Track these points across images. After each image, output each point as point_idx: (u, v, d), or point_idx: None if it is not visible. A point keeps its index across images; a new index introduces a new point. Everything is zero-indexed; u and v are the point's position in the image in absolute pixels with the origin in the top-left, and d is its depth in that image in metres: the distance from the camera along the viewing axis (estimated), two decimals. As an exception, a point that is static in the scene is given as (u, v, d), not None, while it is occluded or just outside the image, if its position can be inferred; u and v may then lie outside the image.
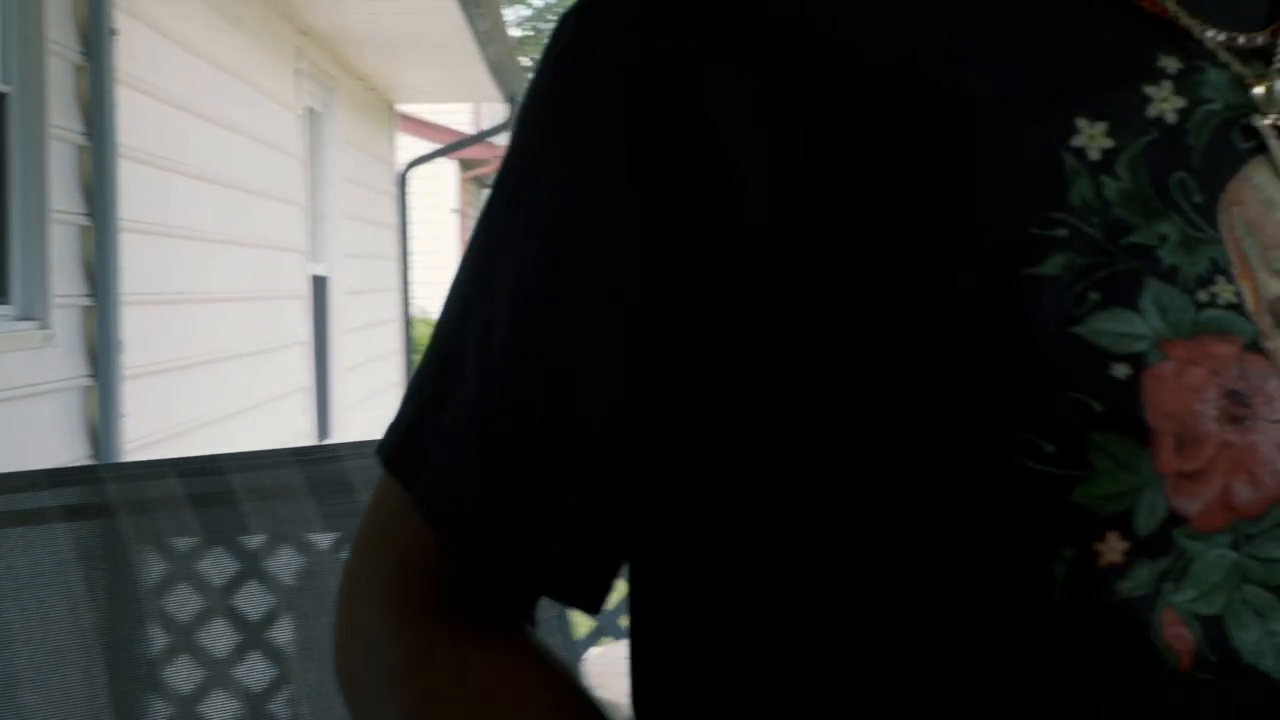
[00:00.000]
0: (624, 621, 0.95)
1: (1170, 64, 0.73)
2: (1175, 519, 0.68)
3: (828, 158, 0.70)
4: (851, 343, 0.70)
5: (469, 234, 0.82)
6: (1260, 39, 0.75)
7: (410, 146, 12.54)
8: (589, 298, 0.73)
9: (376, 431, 0.84)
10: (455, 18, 7.79)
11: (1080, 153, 0.70)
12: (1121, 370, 0.68)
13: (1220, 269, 0.70)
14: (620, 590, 0.82)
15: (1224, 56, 0.74)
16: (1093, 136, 0.71)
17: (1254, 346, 0.70)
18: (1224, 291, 0.70)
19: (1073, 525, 0.68)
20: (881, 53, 0.72)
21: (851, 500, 0.71)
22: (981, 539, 0.69)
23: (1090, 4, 0.74)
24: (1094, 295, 0.68)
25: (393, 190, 10.86)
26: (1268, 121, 0.73)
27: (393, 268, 10.62)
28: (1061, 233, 0.69)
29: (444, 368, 0.78)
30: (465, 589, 0.79)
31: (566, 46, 0.76)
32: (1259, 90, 0.73)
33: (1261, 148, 0.73)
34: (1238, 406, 0.69)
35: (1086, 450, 0.68)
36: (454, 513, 0.76)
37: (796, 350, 0.71)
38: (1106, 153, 0.70)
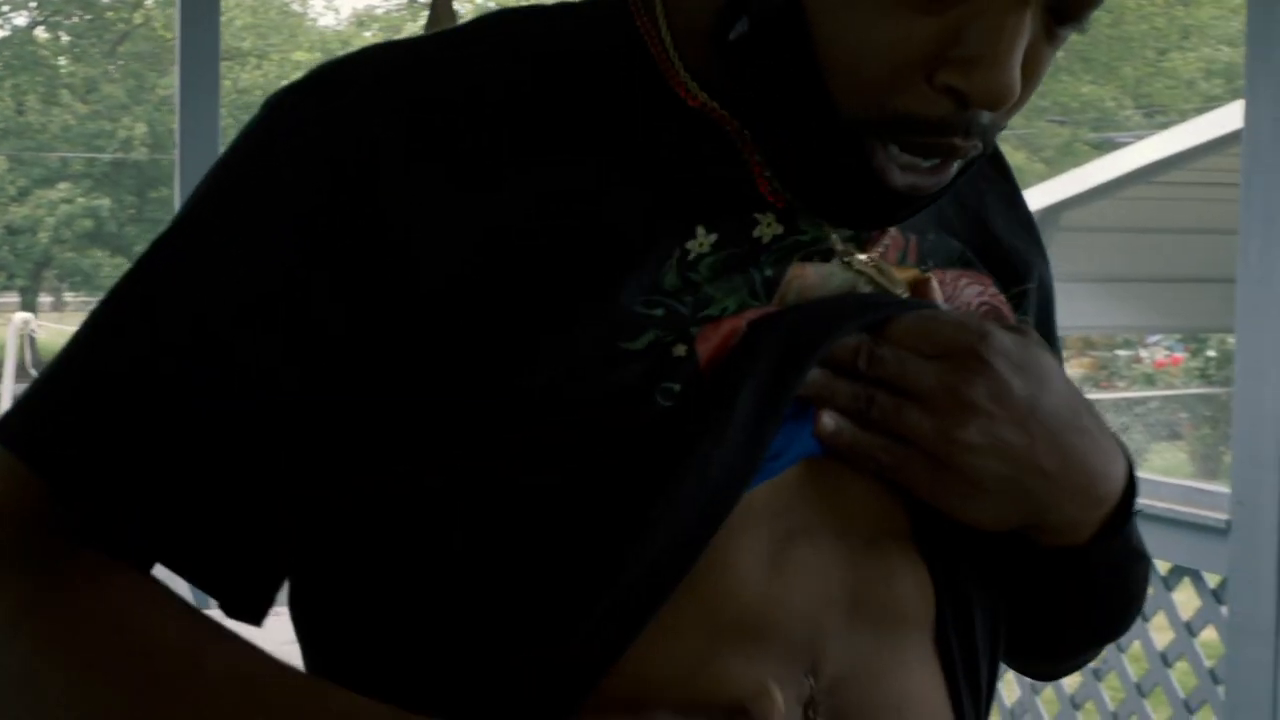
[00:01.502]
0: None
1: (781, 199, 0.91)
2: None
3: (490, 260, 0.84)
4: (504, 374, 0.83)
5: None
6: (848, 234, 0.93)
7: None
8: (244, 344, 0.84)
9: None
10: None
11: (687, 252, 0.87)
12: (680, 350, 0.85)
13: None
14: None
15: (821, 226, 0.91)
16: (702, 242, 0.87)
17: None
18: None
19: None
20: (554, 177, 0.87)
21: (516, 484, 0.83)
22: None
23: (724, 161, 0.90)
24: (680, 349, 0.85)
25: None
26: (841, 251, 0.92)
27: None
28: (658, 312, 0.85)
29: (93, 373, 0.87)
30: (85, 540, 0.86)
31: (269, 129, 0.89)
32: (839, 240, 0.92)
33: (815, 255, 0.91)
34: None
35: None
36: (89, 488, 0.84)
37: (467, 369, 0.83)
38: (700, 255, 0.87)
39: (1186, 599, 3.52)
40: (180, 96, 3.75)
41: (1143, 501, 1.00)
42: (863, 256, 0.92)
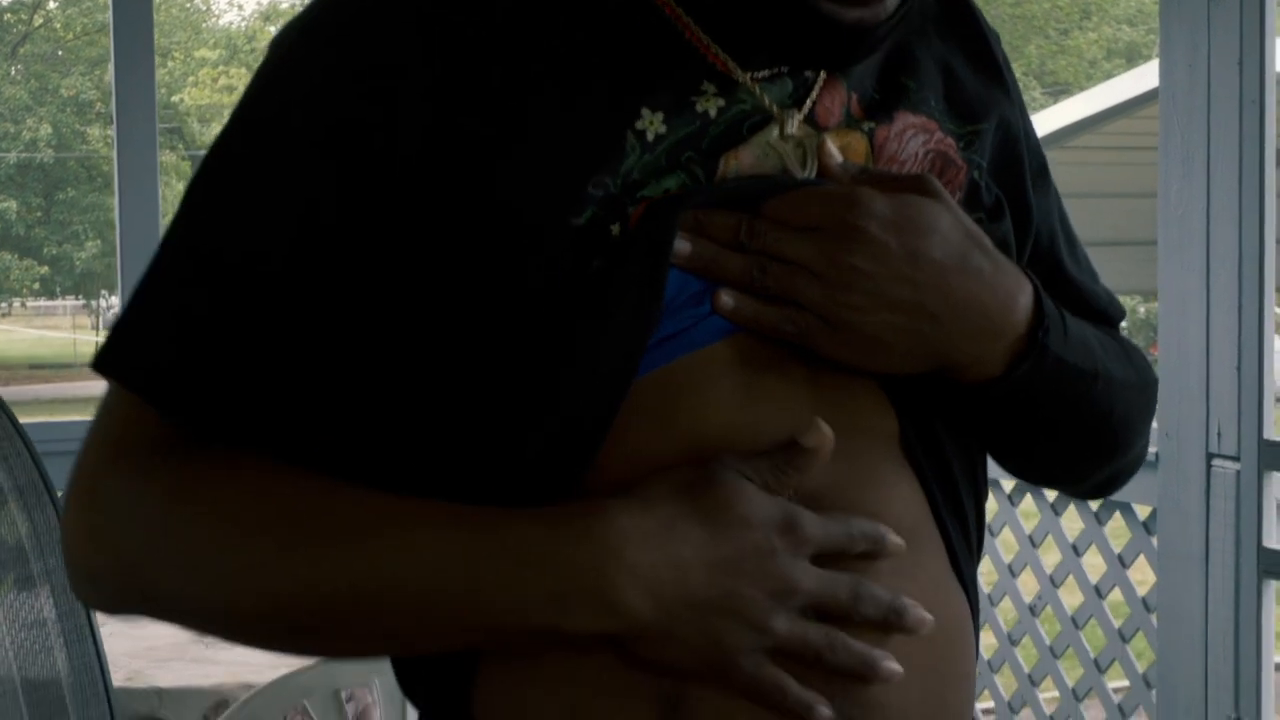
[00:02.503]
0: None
1: (718, 74, 0.99)
2: None
3: (462, 136, 0.93)
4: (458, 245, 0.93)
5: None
6: (767, 73, 1.00)
7: None
8: (277, 234, 0.94)
9: None
10: None
11: (640, 134, 0.95)
12: (615, 228, 0.94)
13: None
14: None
15: (756, 91, 0.99)
16: (651, 122, 0.96)
17: None
18: None
19: None
20: (514, 68, 0.96)
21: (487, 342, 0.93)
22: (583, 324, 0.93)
23: (662, 38, 0.99)
24: (614, 228, 0.94)
25: None
26: (781, 120, 1.00)
27: None
28: (600, 193, 0.94)
29: (173, 296, 0.96)
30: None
31: (292, 46, 0.98)
32: (778, 133, 0.99)
33: (759, 126, 0.99)
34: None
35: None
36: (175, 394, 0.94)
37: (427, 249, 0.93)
38: (659, 136, 0.96)
39: (1118, 531, 3.64)
40: (115, 93, 3.79)
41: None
42: (793, 127, 0.99)
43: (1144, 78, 7.97)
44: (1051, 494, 3.70)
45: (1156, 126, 3.18)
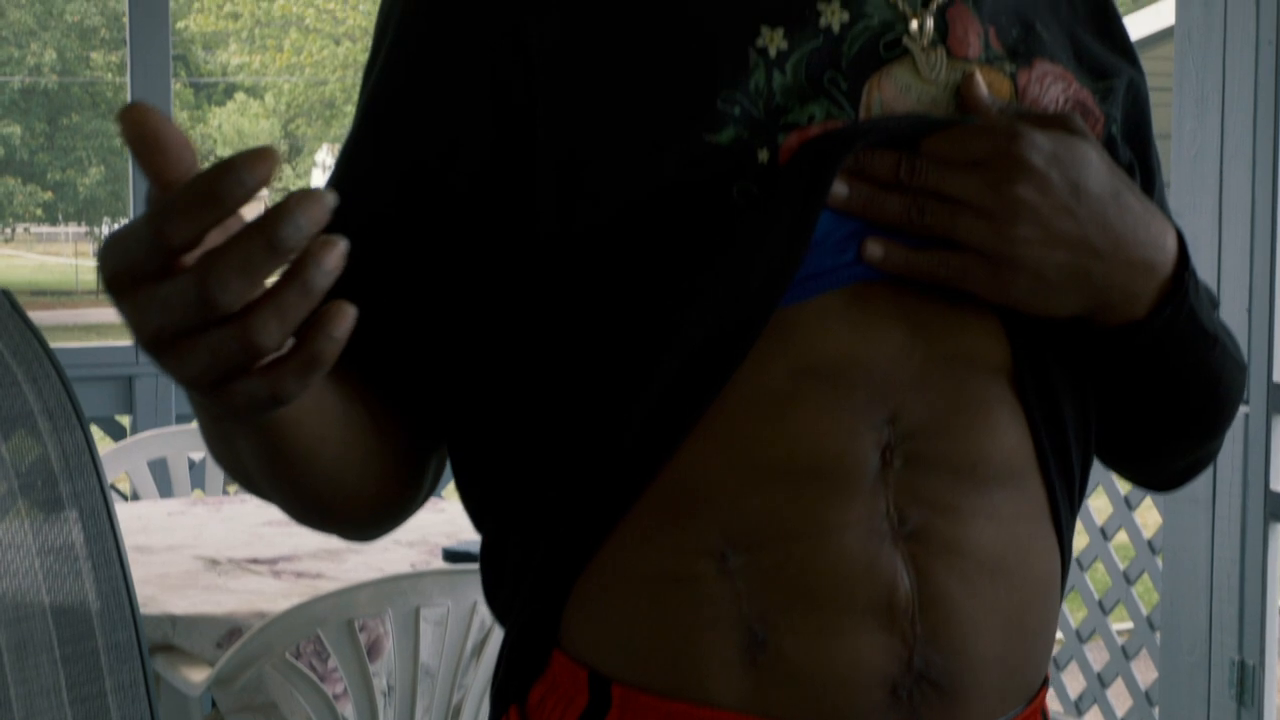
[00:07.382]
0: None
1: None
2: None
3: (594, 49, 0.94)
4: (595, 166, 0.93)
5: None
6: None
7: None
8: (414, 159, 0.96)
9: None
10: None
11: (763, 51, 0.94)
12: (763, 154, 0.93)
13: None
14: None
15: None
16: (772, 39, 0.94)
17: None
18: None
19: None
20: None
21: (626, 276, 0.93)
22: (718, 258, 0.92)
23: None
24: (761, 153, 0.93)
25: None
26: (917, 45, 0.97)
27: None
28: (736, 110, 0.92)
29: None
30: None
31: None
32: (914, 24, 0.97)
33: (904, 54, 0.97)
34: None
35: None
36: None
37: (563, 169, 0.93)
38: (781, 53, 0.94)
39: (1124, 474, 3.65)
40: (129, 18, 3.79)
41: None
42: (925, 36, 0.97)
43: (1160, 15, 7.92)
44: (1058, 434, 3.71)
45: (1171, 66, 3.16)
